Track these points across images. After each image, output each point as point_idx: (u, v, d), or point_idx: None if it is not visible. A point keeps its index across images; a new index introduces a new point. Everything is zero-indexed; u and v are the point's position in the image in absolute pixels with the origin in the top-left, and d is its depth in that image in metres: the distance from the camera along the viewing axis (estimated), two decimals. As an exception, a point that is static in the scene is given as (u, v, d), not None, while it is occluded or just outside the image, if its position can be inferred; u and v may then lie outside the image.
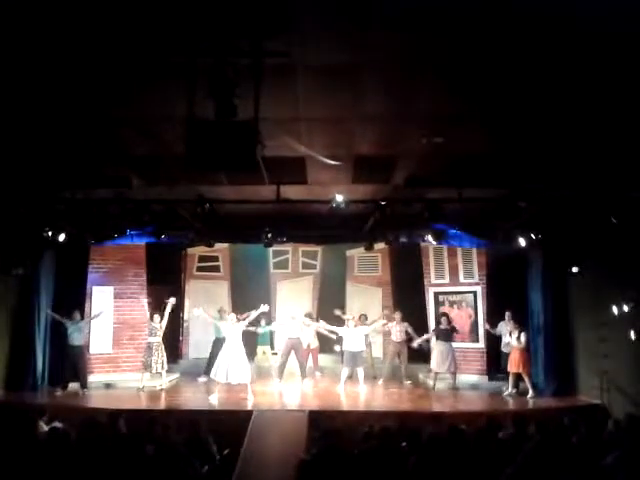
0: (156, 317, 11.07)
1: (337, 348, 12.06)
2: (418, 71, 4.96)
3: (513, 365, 10.09)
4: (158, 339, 10.97)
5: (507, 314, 10.78)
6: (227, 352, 9.74)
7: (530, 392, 9.86)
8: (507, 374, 10.28)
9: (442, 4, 3.91)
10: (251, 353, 11.33)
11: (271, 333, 12.66)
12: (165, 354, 11.02)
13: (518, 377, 10.13)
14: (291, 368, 11.60)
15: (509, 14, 3.98)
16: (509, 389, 10.14)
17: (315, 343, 12.22)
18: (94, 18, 4.06)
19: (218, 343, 10.87)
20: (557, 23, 4.08)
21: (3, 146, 6.62)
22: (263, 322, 12.00)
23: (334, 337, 11.74)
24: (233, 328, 9.92)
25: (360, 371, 10.97)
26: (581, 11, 3.88)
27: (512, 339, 10.13)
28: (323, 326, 11.64)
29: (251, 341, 11.64)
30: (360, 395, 10.45)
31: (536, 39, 4.34)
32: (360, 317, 11.99)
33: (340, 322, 11.63)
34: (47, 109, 5.71)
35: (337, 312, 11.99)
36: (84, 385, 10.48)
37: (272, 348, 12.95)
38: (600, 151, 6.66)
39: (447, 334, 11.14)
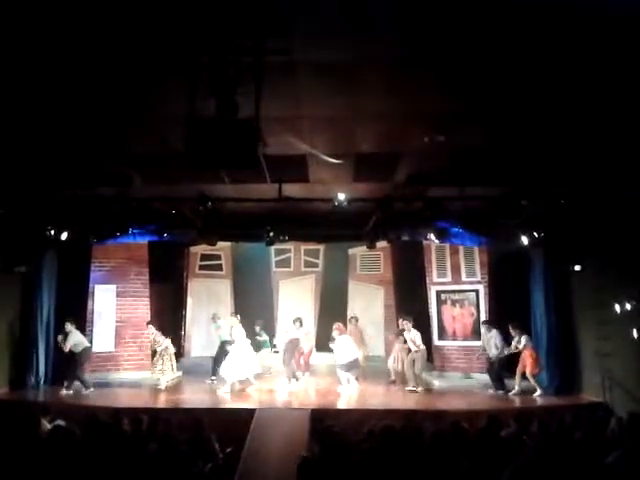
0: (150, 327, 11.12)
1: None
2: (419, 69, 4.95)
3: (520, 365, 10.07)
4: (159, 348, 10.95)
5: (483, 326, 10.97)
6: (237, 352, 10.27)
7: (538, 391, 9.82)
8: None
9: (442, 3, 3.90)
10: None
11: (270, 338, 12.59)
12: (166, 360, 10.92)
13: (522, 377, 10.09)
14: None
15: (509, 12, 3.97)
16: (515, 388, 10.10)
17: (307, 347, 12.14)
18: (97, 17, 4.06)
19: (224, 345, 10.95)
20: (558, 21, 4.07)
21: (6, 145, 6.64)
22: (257, 328, 12.01)
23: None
24: (237, 330, 10.46)
25: (351, 376, 10.86)
26: (581, 9, 3.87)
27: (513, 343, 10.13)
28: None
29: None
30: (362, 394, 10.44)
31: (537, 37, 4.33)
32: (351, 320, 11.90)
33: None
34: (50, 108, 5.72)
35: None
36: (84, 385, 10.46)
37: (272, 348, 12.90)
38: (602, 149, 6.65)
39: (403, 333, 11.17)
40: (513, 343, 10.12)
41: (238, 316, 11.01)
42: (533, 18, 4.04)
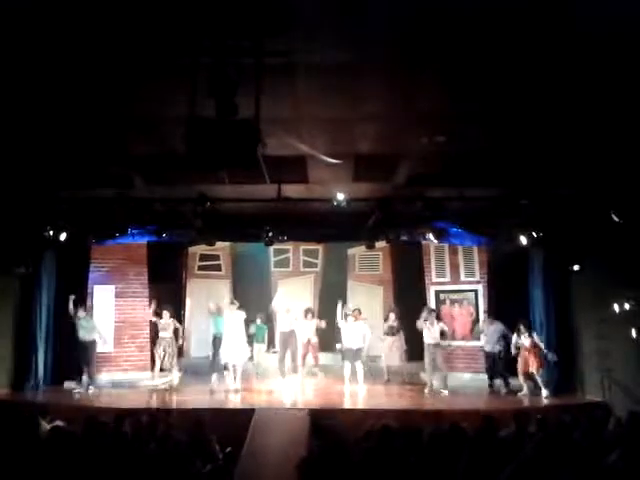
0: (165, 313, 10.87)
1: (338, 346, 11.90)
2: (418, 70, 4.96)
3: (523, 365, 10.05)
4: (168, 334, 10.83)
5: (487, 320, 10.98)
6: (229, 335, 10.28)
7: (543, 391, 9.80)
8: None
9: (442, 4, 3.91)
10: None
11: (267, 329, 12.55)
12: (174, 351, 10.87)
13: (527, 376, 10.06)
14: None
15: (508, 14, 3.98)
16: (524, 389, 10.08)
17: (315, 339, 12.13)
18: (97, 18, 4.06)
19: (217, 341, 10.92)
20: (557, 23, 4.08)
21: (5, 146, 6.63)
22: (259, 320, 11.96)
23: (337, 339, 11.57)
24: (234, 315, 10.36)
25: (359, 368, 10.92)
26: (580, 12, 3.88)
27: (521, 339, 10.07)
28: (319, 324, 11.72)
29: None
30: (361, 394, 10.44)
31: (536, 38, 4.34)
32: (354, 311, 11.96)
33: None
34: (50, 109, 5.72)
35: (347, 311, 11.63)
36: (91, 381, 10.44)
37: (269, 348, 12.86)
38: (600, 149, 6.66)
39: (393, 330, 11.46)
40: (522, 337, 9.99)
41: (236, 302, 10.92)
42: (532, 20, 4.05)
